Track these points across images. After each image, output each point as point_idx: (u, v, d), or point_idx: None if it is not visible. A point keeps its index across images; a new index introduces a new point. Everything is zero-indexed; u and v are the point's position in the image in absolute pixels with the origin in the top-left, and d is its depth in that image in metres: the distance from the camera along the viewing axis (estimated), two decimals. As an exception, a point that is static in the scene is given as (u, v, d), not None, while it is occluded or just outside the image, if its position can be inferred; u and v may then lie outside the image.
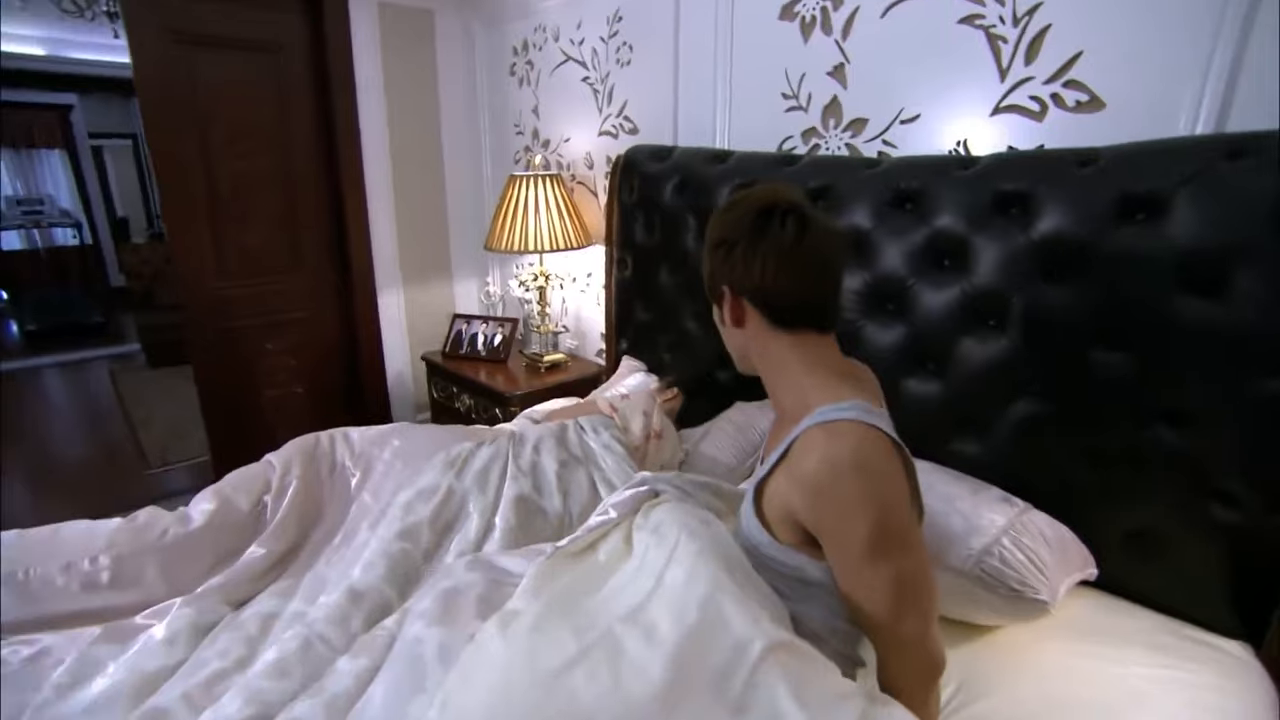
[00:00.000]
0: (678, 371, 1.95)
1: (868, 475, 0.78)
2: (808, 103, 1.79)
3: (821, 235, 0.90)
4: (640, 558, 0.92)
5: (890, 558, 0.79)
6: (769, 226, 0.89)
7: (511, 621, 0.83)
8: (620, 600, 0.85)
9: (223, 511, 1.32)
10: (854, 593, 0.82)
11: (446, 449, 1.44)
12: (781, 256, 0.88)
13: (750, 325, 0.95)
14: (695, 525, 0.93)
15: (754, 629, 0.76)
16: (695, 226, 1.93)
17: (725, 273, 0.93)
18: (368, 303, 2.95)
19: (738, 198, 0.96)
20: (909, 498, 0.82)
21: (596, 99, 2.41)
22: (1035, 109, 1.42)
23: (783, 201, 0.91)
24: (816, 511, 0.81)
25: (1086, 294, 1.25)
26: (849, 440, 0.80)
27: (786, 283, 0.89)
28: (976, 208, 1.39)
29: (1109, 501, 1.30)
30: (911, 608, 0.80)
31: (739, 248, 0.90)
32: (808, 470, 0.81)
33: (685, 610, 0.78)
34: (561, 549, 0.98)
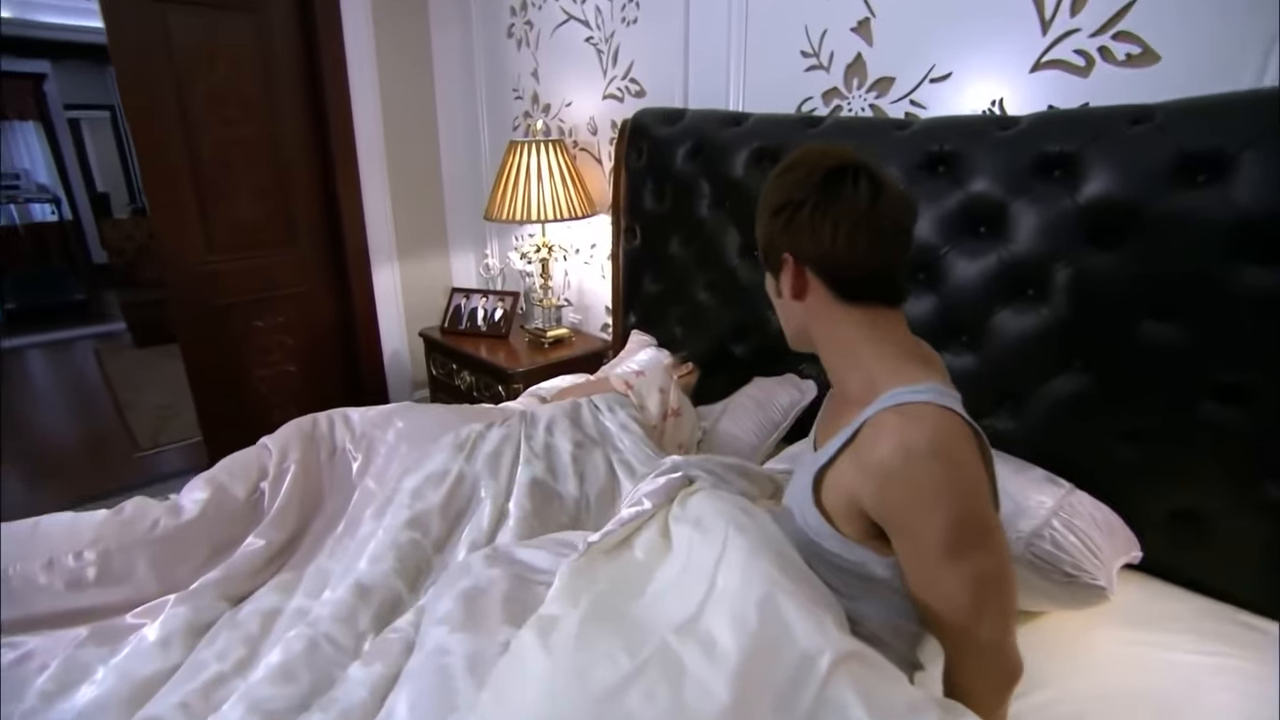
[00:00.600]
0: (691, 346, 1.87)
1: (946, 463, 0.71)
2: (829, 61, 1.69)
3: (896, 199, 0.81)
4: (685, 555, 0.84)
5: (970, 554, 0.72)
6: (840, 188, 0.80)
7: (551, 630, 0.75)
8: (669, 606, 0.78)
9: (217, 500, 1.23)
10: (927, 592, 0.75)
11: (454, 430, 1.35)
12: (855, 221, 0.79)
13: (812, 298, 0.86)
14: (741, 518, 0.86)
15: (820, 638, 0.69)
16: (710, 193, 1.84)
17: (787, 239, 0.84)
18: (362, 276, 2.84)
19: (798, 157, 0.86)
20: (989, 488, 0.74)
21: (601, 60, 2.28)
22: (1080, 64, 1.32)
23: (854, 161, 0.82)
24: (888, 503, 0.74)
25: (1136, 261, 1.17)
26: (926, 425, 0.72)
27: (858, 250, 0.80)
28: (1016, 170, 1.30)
29: (1153, 481, 1.24)
30: (992, 609, 0.74)
31: (805, 211, 0.81)
32: (879, 458, 0.73)
33: (745, 618, 0.71)
34: (595, 545, 0.91)
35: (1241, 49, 1.14)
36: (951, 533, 0.71)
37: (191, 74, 2.36)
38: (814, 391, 1.66)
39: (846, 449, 0.80)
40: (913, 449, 0.71)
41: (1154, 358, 1.18)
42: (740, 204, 1.76)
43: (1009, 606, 0.75)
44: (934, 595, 0.75)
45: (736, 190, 1.77)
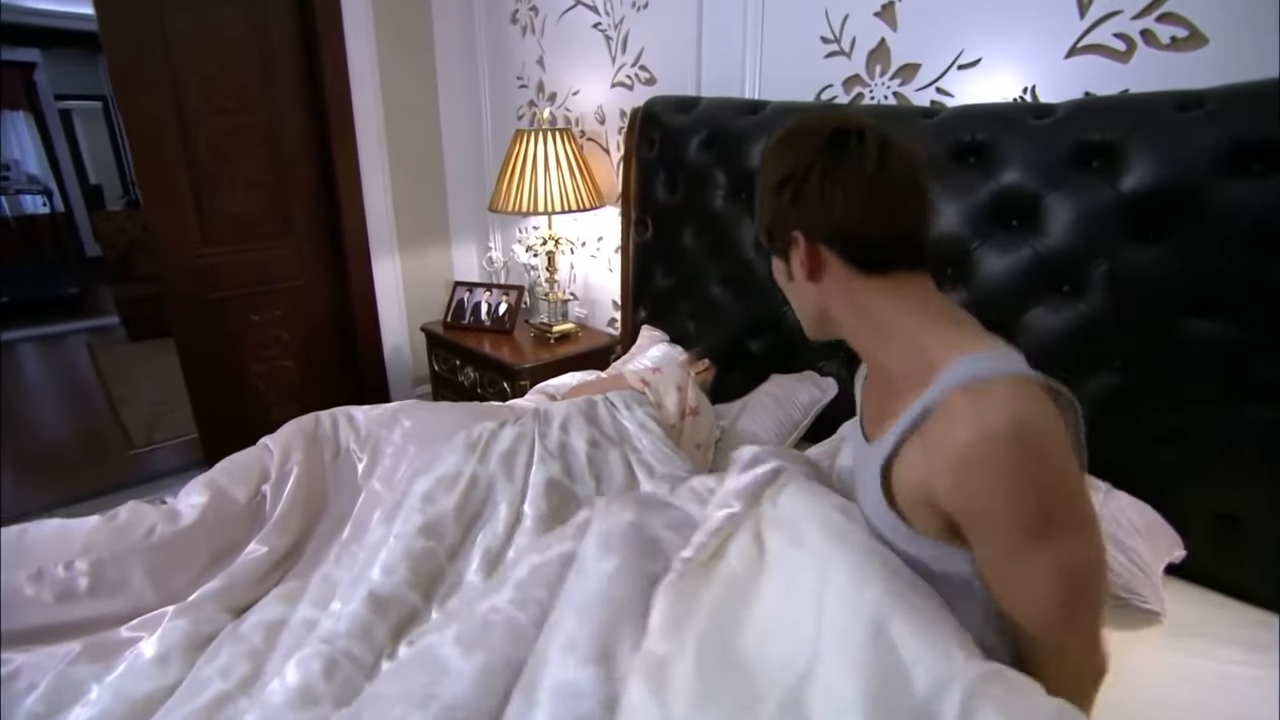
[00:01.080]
0: (705, 342, 1.81)
1: (1030, 444, 0.63)
2: (851, 47, 1.63)
3: (906, 154, 0.75)
4: (788, 575, 0.77)
5: (1058, 541, 0.64)
6: (844, 151, 0.74)
7: (664, 681, 0.69)
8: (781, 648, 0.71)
9: (216, 505, 1.17)
10: (1009, 589, 0.68)
11: (465, 430, 1.29)
12: (866, 184, 0.73)
13: (830, 276, 0.79)
14: (841, 523, 0.79)
15: (947, 666, 0.62)
16: (725, 184, 1.78)
17: (794, 215, 0.77)
18: (361, 269, 2.77)
19: (793, 126, 0.79)
20: (1078, 463, 0.66)
21: (609, 47, 2.22)
22: (1120, 48, 1.27)
23: (855, 122, 0.76)
24: (965, 493, 0.66)
25: (1181, 256, 1.12)
26: (1003, 402, 0.64)
27: (875, 215, 0.75)
28: (1052, 161, 1.24)
29: (1193, 483, 1.19)
30: (1084, 604, 0.66)
31: (810, 181, 0.75)
32: (955, 445, 0.65)
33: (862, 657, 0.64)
34: (691, 561, 0.83)
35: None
36: (1037, 518, 0.63)
37: (185, 63, 2.28)
38: (835, 390, 1.61)
39: (911, 437, 0.72)
40: (991, 433, 0.62)
41: (1198, 356, 1.13)
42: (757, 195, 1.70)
43: (1101, 600, 0.68)
44: (1017, 591, 0.68)
45: (752, 181, 1.68)
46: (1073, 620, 0.66)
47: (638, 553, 0.87)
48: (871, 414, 0.88)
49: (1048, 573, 0.65)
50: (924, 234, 0.78)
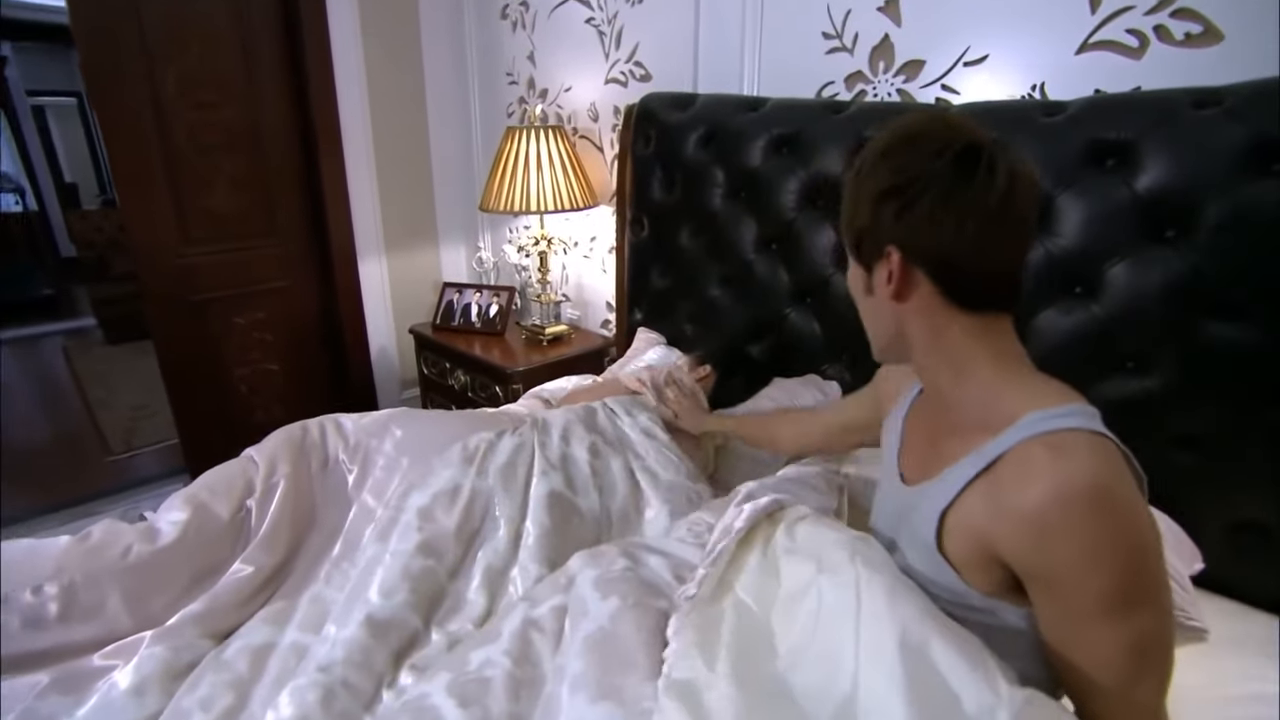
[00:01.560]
0: (703, 345, 1.76)
1: (1113, 508, 0.59)
2: (853, 43, 1.59)
3: (1030, 188, 0.69)
4: (816, 600, 0.73)
5: (1133, 616, 0.61)
6: (973, 174, 0.66)
7: (701, 706, 0.65)
8: (819, 670, 0.68)
9: (198, 521, 1.11)
10: (1075, 653, 0.64)
11: (461, 440, 1.24)
12: (986, 217, 0.66)
13: (917, 301, 0.73)
14: (868, 550, 0.76)
15: (990, 694, 0.59)
16: (724, 182, 1.73)
17: (897, 230, 0.70)
18: (348, 270, 2.70)
19: (916, 128, 0.71)
20: (1158, 533, 0.63)
21: (603, 42, 2.17)
22: (1133, 44, 1.23)
23: (986, 142, 0.68)
24: (1040, 556, 0.62)
25: (1200, 257, 1.09)
26: (1084, 462, 0.60)
27: (986, 251, 0.68)
28: (1064, 159, 1.21)
29: (1211, 490, 1.16)
30: (1150, 674, 0.63)
31: (925, 198, 0.67)
32: (1031, 502, 0.61)
33: (905, 678, 0.61)
34: (696, 597, 0.80)
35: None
36: (1114, 593, 0.60)
37: (162, 54, 2.20)
38: (838, 394, 1.57)
39: (976, 484, 0.68)
40: (1073, 494, 0.59)
41: (1216, 360, 1.10)
42: (757, 194, 1.66)
43: (1168, 669, 0.64)
44: (1083, 658, 0.64)
45: (753, 179, 1.66)
46: (1135, 686, 0.63)
47: (639, 591, 0.85)
48: (919, 451, 0.83)
49: (1117, 645, 0.61)
50: (1022, 275, 0.73)
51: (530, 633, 0.88)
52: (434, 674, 0.86)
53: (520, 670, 0.83)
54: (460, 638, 0.98)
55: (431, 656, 0.96)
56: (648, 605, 0.83)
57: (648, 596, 0.85)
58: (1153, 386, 1.17)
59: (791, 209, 1.60)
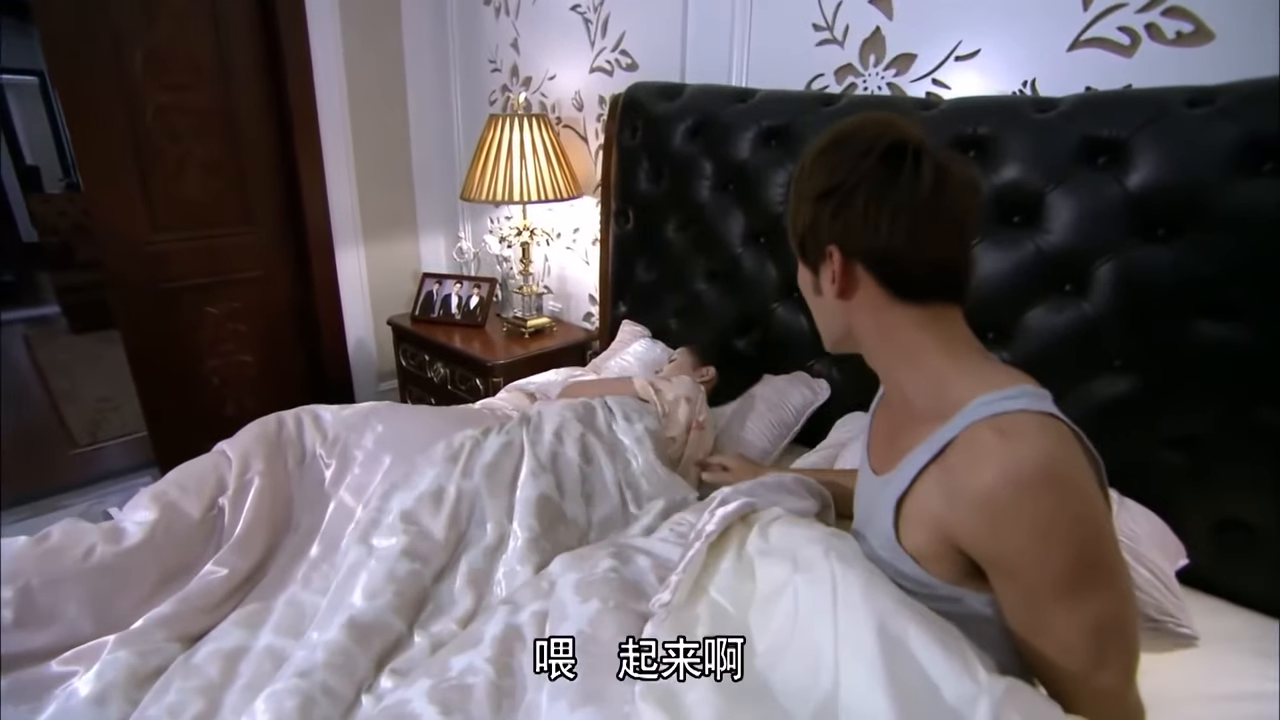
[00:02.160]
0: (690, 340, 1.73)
1: (1063, 489, 0.60)
2: (844, 35, 1.57)
3: (964, 180, 0.71)
4: (793, 599, 0.72)
5: (1089, 597, 0.61)
6: (899, 172, 0.68)
7: (680, 709, 0.64)
8: (798, 666, 0.67)
9: (167, 521, 1.06)
10: (1038, 638, 0.65)
11: (445, 438, 1.20)
12: (917, 211, 0.68)
13: (861, 297, 0.74)
14: (841, 546, 0.75)
15: (970, 683, 0.59)
16: (712, 174, 1.71)
17: (834, 230, 0.72)
18: (324, 259, 2.63)
19: (846, 130, 0.74)
20: (1109, 514, 0.64)
21: (589, 30, 2.12)
22: (1124, 42, 1.23)
23: (911, 137, 0.70)
24: (995, 540, 0.63)
25: (1192, 256, 1.09)
26: (1033, 442, 0.61)
27: (921, 244, 0.70)
28: (1056, 156, 1.21)
29: (1199, 489, 1.16)
30: (1114, 655, 0.63)
31: (857, 197, 0.70)
32: (981, 489, 0.61)
33: (885, 671, 0.61)
34: (672, 604, 0.78)
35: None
36: (1069, 573, 0.61)
37: (129, 33, 2.11)
38: (827, 392, 1.55)
39: (928, 471, 0.69)
40: (1022, 476, 0.60)
41: (1207, 359, 1.10)
42: (746, 187, 1.64)
43: (1132, 650, 0.65)
44: (1046, 642, 0.64)
45: (742, 172, 1.64)
46: (1100, 669, 0.63)
47: (621, 594, 0.84)
48: (881, 444, 0.84)
49: (1078, 624, 0.62)
50: (966, 267, 0.74)
51: (512, 640, 0.86)
52: (415, 679, 0.83)
53: (501, 680, 0.81)
54: (444, 640, 0.95)
55: (414, 660, 0.93)
56: (629, 608, 0.82)
57: (629, 599, 0.84)
58: (1142, 385, 1.17)
59: (780, 202, 1.58)
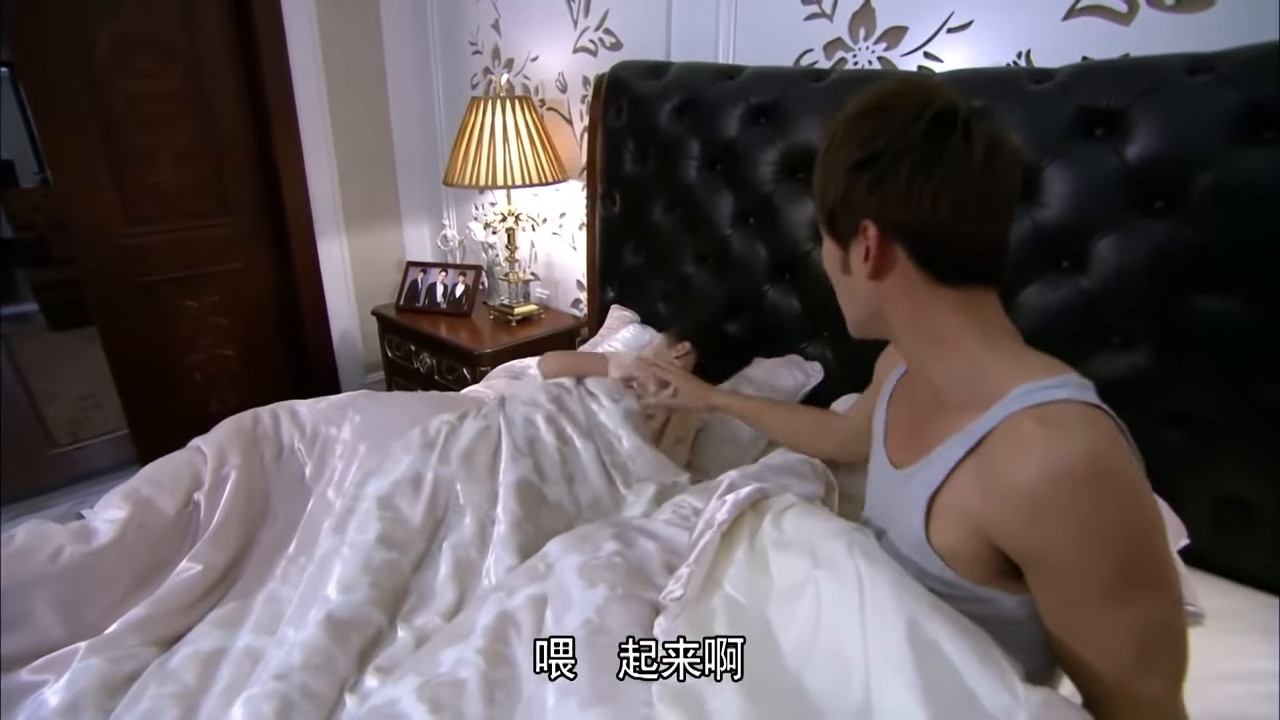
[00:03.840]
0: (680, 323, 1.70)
1: (1111, 484, 0.55)
2: (833, 8, 1.53)
3: (1013, 157, 0.65)
4: (815, 597, 0.69)
5: (1136, 599, 0.57)
6: (948, 142, 0.62)
7: (705, 714, 0.60)
8: (827, 671, 0.64)
9: (139, 519, 1.02)
10: (1077, 641, 0.60)
11: (421, 424, 1.16)
12: (966, 185, 0.62)
13: (896, 278, 0.68)
14: (863, 540, 0.71)
15: (1008, 695, 0.55)
16: (699, 154, 1.67)
17: (871, 203, 0.66)
18: (306, 250, 2.58)
19: (885, 95, 0.66)
20: (1162, 516, 0.59)
21: (571, 9, 2.07)
22: (1121, 9, 1.20)
23: (962, 105, 0.63)
24: (1036, 537, 0.58)
25: (1193, 229, 1.06)
26: (1078, 435, 0.56)
27: (968, 222, 0.64)
28: (1052, 128, 1.17)
29: (1198, 466, 1.14)
30: (1160, 664, 0.59)
31: (900, 168, 0.63)
32: (1023, 483, 0.57)
33: (920, 679, 0.57)
34: (685, 599, 0.74)
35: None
36: (1115, 574, 0.56)
37: (94, 18, 2.04)
38: (820, 374, 1.53)
39: (963, 465, 0.64)
40: (1067, 470, 0.55)
41: (1208, 335, 1.08)
42: (734, 166, 1.60)
43: (1180, 659, 0.60)
44: (1086, 646, 0.60)
45: (730, 151, 1.60)
46: (1143, 677, 0.59)
47: (629, 580, 0.80)
48: (902, 436, 0.79)
49: (1122, 627, 0.58)
50: (1008, 247, 0.69)
51: (505, 628, 0.82)
52: (401, 676, 0.80)
53: (495, 671, 0.77)
54: (429, 633, 0.92)
55: (398, 656, 0.90)
56: (638, 596, 0.78)
57: (637, 586, 0.80)
58: (1141, 362, 1.15)
59: (769, 181, 1.54)
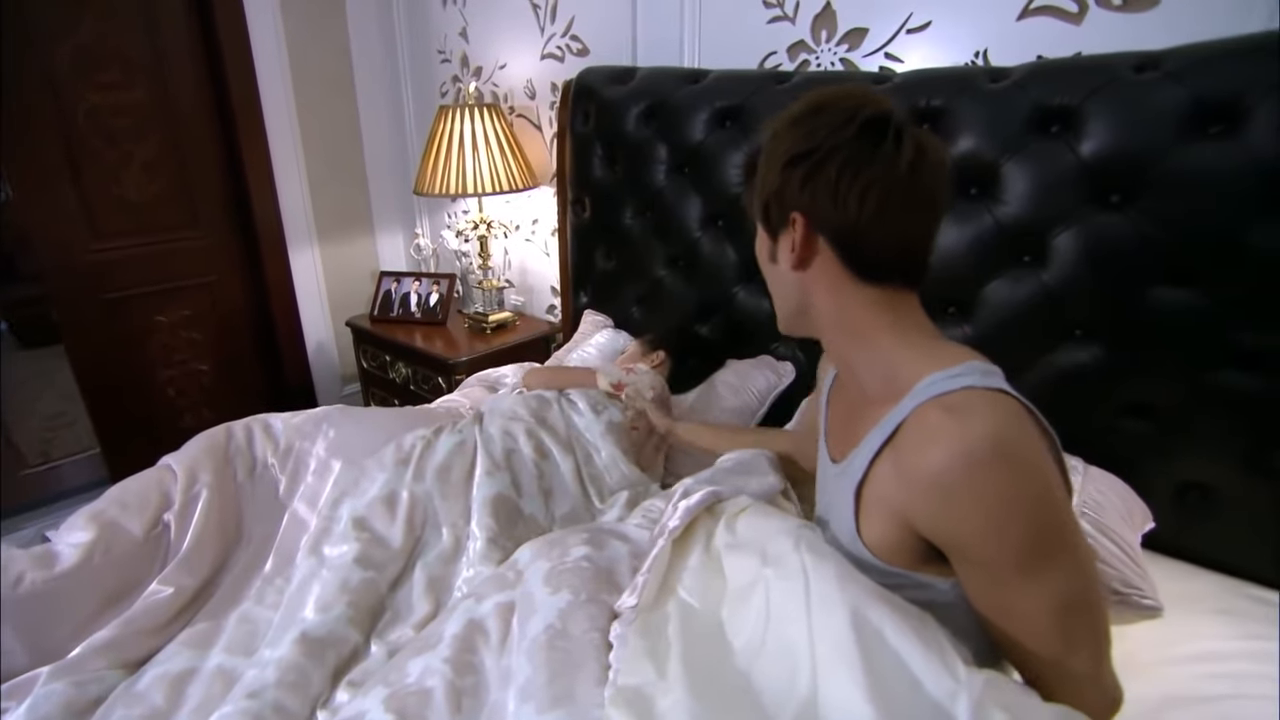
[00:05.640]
0: (653, 327, 1.71)
1: (1015, 463, 0.58)
2: (795, 11, 1.54)
3: (939, 163, 0.69)
4: (764, 595, 0.70)
5: (1051, 570, 0.60)
6: (879, 145, 0.65)
7: (653, 714, 0.61)
8: (775, 667, 0.65)
9: (106, 541, 1.00)
10: (1004, 621, 0.63)
11: (396, 439, 1.16)
12: (891, 188, 0.66)
13: (818, 271, 0.72)
14: (811, 536, 0.72)
15: (949, 679, 0.57)
16: (667, 158, 1.67)
17: (802, 198, 0.69)
18: (278, 261, 2.55)
19: (826, 97, 0.70)
20: (1064, 486, 0.63)
21: (538, 16, 2.07)
22: (1072, 9, 1.22)
23: (893, 112, 0.67)
24: (950, 522, 0.61)
25: (1147, 222, 1.08)
26: (982, 418, 0.59)
27: (890, 223, 0.67)
28: (1010, 126, 1.19)
29: (1159, 453, 1.17)
30: (1083, 636, 0.62)
31: (830, 166, 0.67)
32: (933, 469, 0.59)
33: (864, 670, 0.59)
34: (640, 607, 0.75)
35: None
36: (1027, 549, 0.59)
37: (53, 31, 2.01)
38: (792, 374, 1.54)
39: (881, 456, 0.67)
40: (971, 453, 0.58)
41: (1166, 326, 1.10)
42: (702, 169, 1.61)
43: (1100, 630, 0.64)
44: (1013, 624, 0.63)
45: (697, 154, 1.61)
46: (1070, 649, 0.62)
47: (594, 584, 0.81)
48: (838, 430, 0.82)
49: (1040, 601, 0.61)
50: (929, 252, 0.72)
51: (474, 636, 0.83)
52: (370, 688, 0.80)
53: (462, 679, 0.78)
54: (401, 646, 0.91)
55: (370, 669, 0.89)
56: (601, 600, 0.79)
57: (602, 590, 0.81)
58: (1102, 353, 1.17)
59: (737, 184, 1.55)
